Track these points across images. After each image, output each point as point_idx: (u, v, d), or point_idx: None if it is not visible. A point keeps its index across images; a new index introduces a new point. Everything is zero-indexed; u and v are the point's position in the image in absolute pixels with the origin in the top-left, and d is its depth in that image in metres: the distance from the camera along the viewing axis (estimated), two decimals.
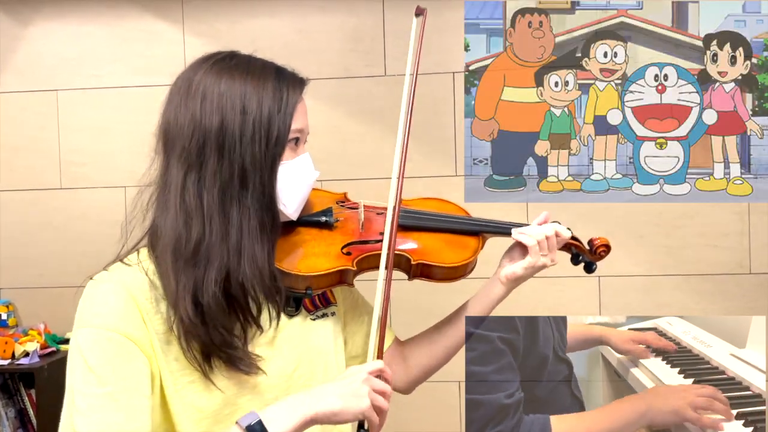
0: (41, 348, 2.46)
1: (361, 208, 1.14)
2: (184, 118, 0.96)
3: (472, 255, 1.13)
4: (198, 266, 0.93)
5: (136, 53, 2.65)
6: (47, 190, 2.68)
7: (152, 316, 0.94)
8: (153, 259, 0.97)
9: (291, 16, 2.62)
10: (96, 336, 0.91)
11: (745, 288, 2.45)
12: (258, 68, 1.01)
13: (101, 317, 0.92)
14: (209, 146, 0.95)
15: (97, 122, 2.67)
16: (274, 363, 1.01)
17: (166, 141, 0.99)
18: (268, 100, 0.97)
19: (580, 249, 1.21)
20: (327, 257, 1.05)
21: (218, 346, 0.94)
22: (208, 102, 0.96)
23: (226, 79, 0.98)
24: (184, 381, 0.96)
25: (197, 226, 0.94)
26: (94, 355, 0.90)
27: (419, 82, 1.04)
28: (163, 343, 0.95)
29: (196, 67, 1.02)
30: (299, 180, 1.02)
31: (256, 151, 0.96)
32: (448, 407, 2.52)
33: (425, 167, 2.55)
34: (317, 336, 1.09)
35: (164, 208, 0.96)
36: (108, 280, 0.95)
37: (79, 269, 2.69)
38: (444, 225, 1.16)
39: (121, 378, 0.90)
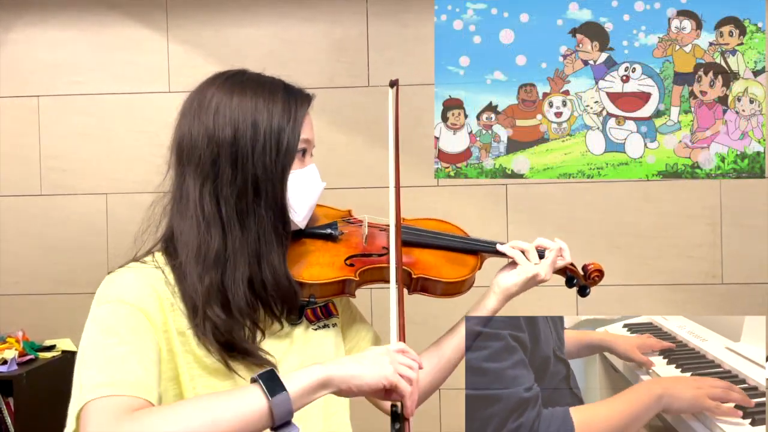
0: (19, 356, 2.43)
1: (365, 224, 1.20)
2: (198, 131, 1.01)
3: (470, 272, 1.18)
4: (224, 270, 0.99)
5: (119, 60, 2.65)
6: (27, 196, 2.66)
7: (170, 308, 0.98)
8: (169, 262, 1.02)
9: (275, 26, 2.63)
10: (115, 308, 0.94)
11: (717, 298, 2.49)
12: (267, 84, 1.06)
13: (120, 294, 0.95)
14: (223, 157, 1.00)
15: (78, 129, 2.65)
16: (284, 362, 1.05)
17: (180, 154, 1.03)
18: (278, 112, 1.02)
19: (575, 273, 1.27)
20: (331, 267, 1.10)
21: (239, 340, 0.99)
22: (221, 116, 1.00)
23: (238, 94, 1.02)
24: (198, 374, 0.99)
25: (217, 234, 0.99)
26: (112, 321, 0.93)
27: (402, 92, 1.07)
28: (177, 335, 0.98)
29: (209, 83, 1.06)
30: (308, 189, 1.08)
31: (268, 161, 1.01)
32: (428, 415, 2.53)
33: (406, 177, 2.55)
34: (318, 345, 1.12)
35: (182, 217, 1.01)
36: (129, 271, 1.00)
37: (58, 277, 2.70)
38: (444, 243, 1.21)
39: (137, 342, 0.92)
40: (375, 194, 2.54)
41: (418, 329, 1.39)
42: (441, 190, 2.58)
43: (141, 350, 0.92)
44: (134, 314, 0.94)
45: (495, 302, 1.22)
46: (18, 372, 2.34)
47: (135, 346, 0.92)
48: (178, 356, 0.98)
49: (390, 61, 2.59)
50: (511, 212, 2.55)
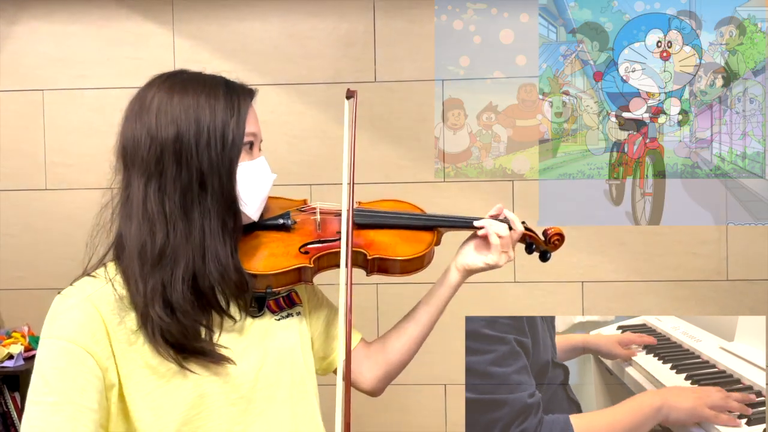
0: (25, 350, 2.42)
1: (317, 211, 1.20)
2: (140, 133, 1.00)
3: (426, 248, 1.18)
4: (165, 268, 0.98)
5: (124, 55, 2.63)
6: (31, 191, 2.64)
7: (116, 327, 0.98)
8: (119, 269, 1.01)
9: (282, 21, 2.63)
10: (54, 346, 0.95)
11: (722, 294, 2.53)
12: (208, 81, 1.06)
13: (62, 329, 0.96)
14: (167, 155, 0.99)
15: (83, 123, 2.64)
16: (243, 358, 1.05)
17: (124, 157, 1.03)
18: (221, 108, 1.02)
19: (534, 239, 1.26)
20: (286, 257, 1.10)
21: (190, 340, 0.99)
22: (162, 115, 1.00)
23: (179, 93, 1.02)
24: (153, 386, 0.99)
25: (161, 231, 0.99)
26: (48, 364, 0.94)
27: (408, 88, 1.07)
28: (128, 352, 0.98)
29: (149, 85, 1.05)
30: (257, 181, 1.07)
31: (213, 155, 1.01)
32: (433, 410, 2.55)
33: (412, 173, 2.58)
34: (282, 336, 1.12)
35: (128, 219, 1.00)
36: (73, 295, 0.99)
37: (63, 271, 2.67)
38: (398, 222, 1.21)
39: (69, 389, 0.93)
40: (379, 190, 2.55)
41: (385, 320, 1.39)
42: (446, 186, 2.59)
43: (72, 399, 0.93)
44: (69, 352, 0.94)
45: (458, 279, 1.23)
46: (24, 367, 2.34)
47: (66, 395, 0.93)
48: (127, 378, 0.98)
49: (396, 56, 2.60)
50: (518, 209, 2.57)
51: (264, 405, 1.06)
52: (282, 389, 1.09)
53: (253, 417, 1.05)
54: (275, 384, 1.08)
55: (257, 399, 1.05)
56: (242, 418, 1.04)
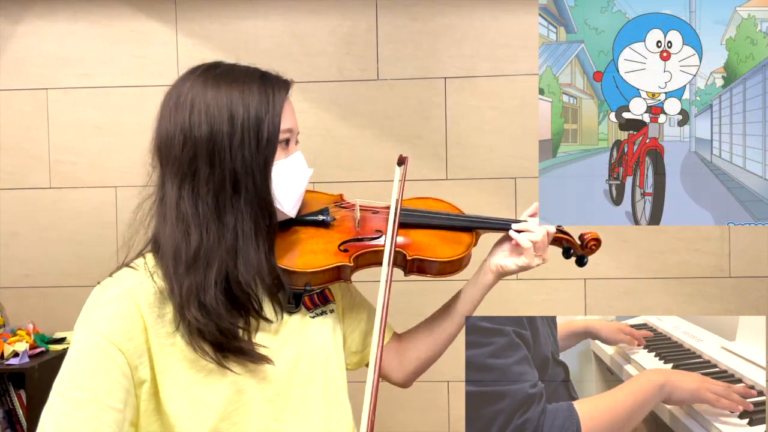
0: (30, 348, 2.44)
1: (357, 207, 1.18)
2: (174, 131, 0.99)
3: (465, 250, 1.17)
4: (198, 271, 0.97)
5: (127, 53, 2.65)
6: (36, 189, 2.66)
7: (155, 321, 0.98)
8: (159, 264, 1.01)
9: (284, 19, 2.64)
10: (87, 338, 0.95)
11: (725, 291, 2.54)
12: (242, 74, 1.03)
13: (97, 322, 0.96)
14: (200, 156, 0.98)
15: (87, 122, 2.65)
16: (279, 355, 1.04)
17: (159, 155, 1.02)
18: (255, 103, 1.00)
19: (572, 243, 1.27)
20: (325, 254, 1.08)
21: (228, 340, 0.98)
22: (195, 112, 0.99)
23: (212, 88, 1.00)
24: (190, 380, 0.99)
25: (195, 233, 0.98)
26: (80, 357, 0.95)
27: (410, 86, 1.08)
28: (166, 346, 0.98)
29: (183, 79, 1.04)
30: (294, 178, 1.06)
31: (246, 155, 0.99)
32: (436, 407, 2.57)
33: (415, 171, 2.59)
34: (317, 333, 1.12)
35: (163, 219, 1.00)
36: (113, 287, 0.99)
37: (68, 270, 2.70)
38: (438, 222, 1.20)
39: (96, 387, 0.93)
40: (382, 187, 2.56)
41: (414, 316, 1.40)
42: (448, 184, 2.60)
43: (98, 397, 0.93)
44: (101, 348, 0.94)
45: (491, 280, 1.22)
46: (30, 364, 2.35)
47: (93, 392, 0.93)
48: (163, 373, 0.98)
49: (399, 54, 2.61)
50: (519, 206, 2.58)
51: (299, 402, 1.06)
52: (316, 387, 1.09)
53: (288, 414, 1.04)
54: (310, 381, 1.08)
55: (293, 396, 1.05)
56: (278, 415, 1.03)
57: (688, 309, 2.54)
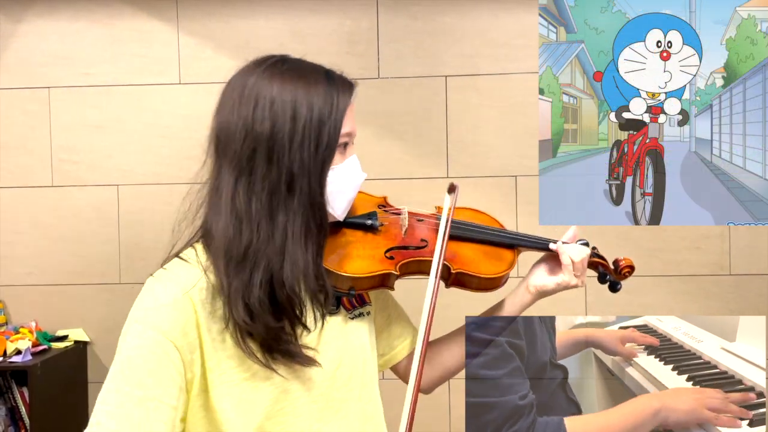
0: (33, 346, 2.45)
1: (405, 215, 1.16)
2: (237, 124, 0.97)
3: (507, 268, 1.16)
4: (245, 269, 0.95)
5: (129, 52, 2.65)
6: (38, 187, 2.67)
7: (208, 317, 0.96)
8: (209, 256, 0.99)
9: (285, 18, 2.64)
10: (144, 334, 0.93)
11: (725, 288, 2.55)
12: (309, 72, 1.01)
13: (153, 318, 0.94)
14: (260, 152, 0.96)
15: (89, 120, 2.66)
16: (322, 357, 1.03)
17: (218, 145, 1.00)
18: (319, 104, 0.98)
19: (607, 268, 1.26)
20: (372, 260, 1.07)
21: (276, 341, 0.97)
22: (260, 108, 0.97)
23: (278, 84, 0.98)
24: (239, 378, 0.98)
25: (246, 230, 0.96)
26: (138, 354, 0.93)
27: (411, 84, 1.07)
28: (218, 342, 0.97)
29: (249, 71, 1.01)
30: (348, 183, 1.04)
31: (305, 156, 0.97)
32: (437, 406, 2.58)
33: (416, 169, 2.59)
34: (355, 335, 1.11)
35: (216, 211, 0.98)
36: (168, 281, 0.97)
37: (70, 267, 2.71)
38: (483, 236, 1.19)
39: (154, 385, 0.92)
40: (383, 186, 2.57)
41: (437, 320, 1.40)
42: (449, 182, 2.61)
43: (156, 395, 0.92)
44: (158, 344, 0.93)
45: (529, 300, 1.21)
46: (32, 362, 2.36)
47: (151, 390, 0.92)
48: (212, 370, 0.97)
49: (400, 53, 2.62)
50: (520, 204, 2.59)
51: (339, 404, 1.06)
52: (355, 388, 1.08)
53: (330, 415, 1.04)
54: (350, 384, 1.07)
55: (334, 397, 1.05)
56: (321, 416, 1.03)
57: (688, 307, 2.55)
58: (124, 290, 2.63)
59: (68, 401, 2.56)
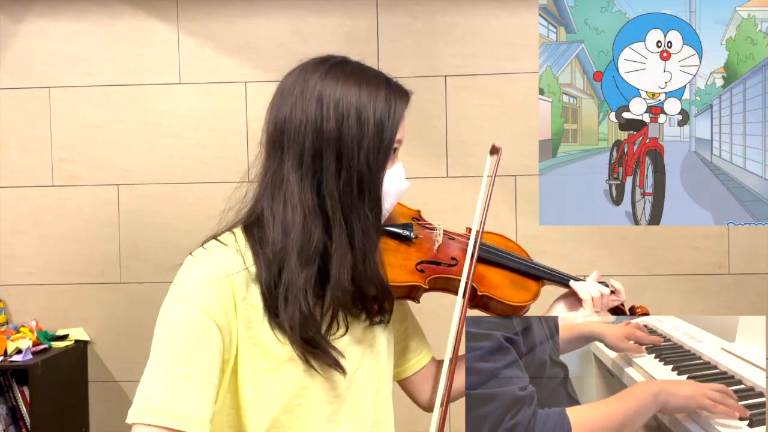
0: (33, 345, 2.46)
1: (439, 231, 1.18)
2: (301, 120, 0.98)
3: (532, 298, 1.19)
4: (323, 265, 0.97)
5: (129, 52, 2.66)
6: (39, 187, 2.67)
7: (241, 302, 0.97)
8: (249, 245, 1.00)
9: (285, 17, 2.64)
10: (187, 312, 0.93)
11: (724, 287, 2.56)
12: (371, 77, 1.02)
13: (195, 295, 0.94)
14: (328, 152, 0.97)
15: (89, 120, 2.66)
16: (343, 361, 1.04)
17: (279, 138, 1.00)
18: (380, 108, 0.99)
19: (622, 312, 1.29)
20: (403, 270, 1.08)
21: (322, 335, 0.99)
22: (325, 107, 0.98)
23: (342, 85, 0.99)
24: (262, 367, 0.98)
25: (318, 227, 0.97)
26: (183, 330, 0.93)
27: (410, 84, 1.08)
28: (246, 329, 0.97)
29: (311, 69, 1.02)
30: (395, 188, 1.06)
31: (371, 159, 0.99)
32: None
33: (416, 168, 2.60)
34: (376, 341, 1.11)
35: (280, 203, 0.98)
36: (209, 262, 0.97)
37: (70, 267, 2.71)
38: (511, 264, 1.21)
39: (199, 362, 0.92)
40: None
41: None
42: (449, 181, 2.61)
43: (201, 372, 0.92)
44: (202, 322, 0.94)
45: None
46: (33, 361, 2.37)
47: (196, 367, 0.92)
48: (241, 354, 0.98)
49: (400, 52, 2.62)
50: (520, 204, 2.59)
51: (353, 407, 1.06)
52: (369, 394, 1.09)
53: (343, 417, 1.05)
54: (365, 388, 1.08)
55: (348, 400, 1.05)
56: (335, 417, 1.03)
57: (687, 306, 2.56)
58: (124, 290, 2.64)
59: (69, 400, 2.56)
